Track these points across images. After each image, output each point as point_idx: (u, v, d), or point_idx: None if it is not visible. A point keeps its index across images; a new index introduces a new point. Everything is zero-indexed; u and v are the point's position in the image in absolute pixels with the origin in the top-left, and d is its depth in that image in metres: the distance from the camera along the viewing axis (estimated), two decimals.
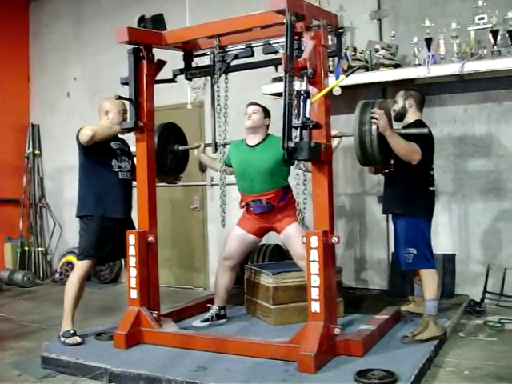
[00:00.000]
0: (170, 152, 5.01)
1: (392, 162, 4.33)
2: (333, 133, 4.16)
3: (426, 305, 4.20)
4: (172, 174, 5.13)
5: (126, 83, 4.32)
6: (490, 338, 4.35)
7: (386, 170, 4.47)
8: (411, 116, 4.38)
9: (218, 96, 4.47)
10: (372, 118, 3.98)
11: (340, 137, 4.35)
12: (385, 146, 4.04)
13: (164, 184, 5.19)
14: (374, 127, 3.93)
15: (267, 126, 4.67)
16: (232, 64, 4.50)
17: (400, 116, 4.43)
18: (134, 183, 4.62)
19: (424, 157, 4.13)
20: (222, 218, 4.54)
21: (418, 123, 4.34)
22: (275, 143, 4.40)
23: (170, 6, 6.80)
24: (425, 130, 4.13)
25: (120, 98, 4.28)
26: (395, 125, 4.67)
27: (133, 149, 4.60)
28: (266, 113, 4.65)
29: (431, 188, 4.36)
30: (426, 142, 4.20)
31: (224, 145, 4.62)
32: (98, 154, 4.42)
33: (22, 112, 8.29)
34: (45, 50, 8.26)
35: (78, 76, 7.76)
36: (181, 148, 5.07)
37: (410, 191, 4.26)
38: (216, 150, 4.69)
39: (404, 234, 4.29)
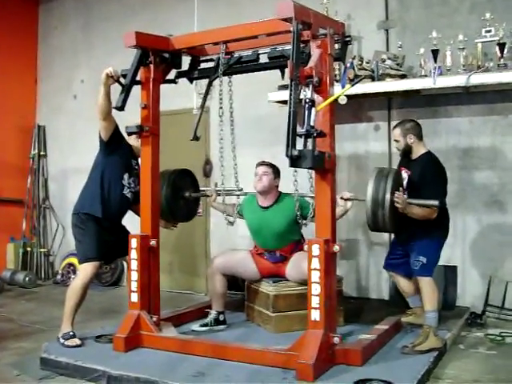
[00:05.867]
0: (182, 198, 5.01)
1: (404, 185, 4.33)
2: (346, 195, 4.26)
3: (426, 316, 4.20)
4: (182, 219, 5.15)
5: (125, 75, 4.29)
6: (490, 351, 4.33)
7: None
8: (417, 150, 4.45)
9: (221, 100, 4.44)
10: (394, 200, 3.99)
11: (352, 200, 4.36)
12: (397, 217, 4.06)
13: None
14: (387, 196, 3.93)
15: (277, 186, 4.74)
16: (236, 66, 4.51)
17: (406, 153, 4.50)
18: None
19: (443, 198, 4.24)
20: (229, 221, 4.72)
21: (425, 158, 4.40)
22: (287, 204, 4.58)
23: (178, 12, 6.87)
24: (436, 203, 4.06)
25: (118, 81, 4.25)
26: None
27: None
28: (277, 172, 4.70)
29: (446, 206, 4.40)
30: (442, 184, 4.31)
31: (226, 193, 4.84)
32: (115, 160, 4.48)
33: (29, 113, 8.32)
34: (53, 52, 8.30)
35: (86, 79, 7.78)
36: (193, 195, 5.08)
37: (433, 220, 4.22)
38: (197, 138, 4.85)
39: (420, 246, 4.29)
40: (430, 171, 4.32)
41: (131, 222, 4.70)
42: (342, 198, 4.29)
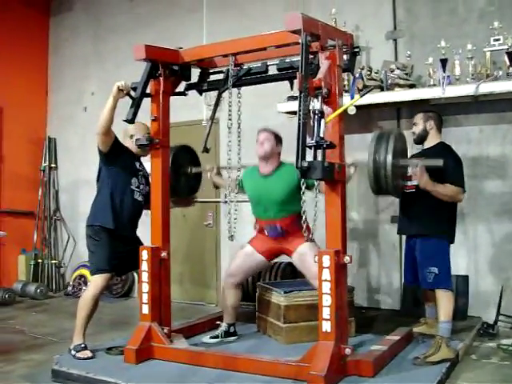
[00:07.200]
0: (184, 174, 5.00)
1: (415, 182, 4.28)
2: (348, 161, 4.22)
3: (439, 326, 4.17)
4: (184, 195, 5.13)
5: (135, 88, 4.30)
6: (503, 361, 4.29)
7: (406, 190, 4.44)
8: (432, 138, 4.43)
9: (230, 112, 4.44)
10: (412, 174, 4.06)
11: (356, 166, 4.37)
12: (398, 178, 4.05)
13: None
14: (389, 157, 3.92)
15: (279, 153, 4.66)
16: (245, 78, 4.53)
17: (420, 139, 4.47)
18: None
19: (464, 182, 4.23)
20: (230, 234, 4.52)
21: (441, 146, 4.39)
22: (288, 171, 4.49)
23: (187, 24, 6.92)
24: (440, 163, 4.06)
25: (128, 95, 4.26)
26: (415, 148, 4.70)
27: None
28: (278, 139, 4.64)
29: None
30: (460, 168, 4.28)
31: (238, 169, 4.66)
32: (119, 168, 4.48)
33: (39, 125, 8.40)
34: (64, 64, 8.37)
35: (96, 90, 7.84)
36: (194, 170, 5.07)
37: (440, 213, 4.23)
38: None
39: (428, 253, 4.26)
40: (449, 157, 4.26)
41: (142, 231, 4.72)
42: None
